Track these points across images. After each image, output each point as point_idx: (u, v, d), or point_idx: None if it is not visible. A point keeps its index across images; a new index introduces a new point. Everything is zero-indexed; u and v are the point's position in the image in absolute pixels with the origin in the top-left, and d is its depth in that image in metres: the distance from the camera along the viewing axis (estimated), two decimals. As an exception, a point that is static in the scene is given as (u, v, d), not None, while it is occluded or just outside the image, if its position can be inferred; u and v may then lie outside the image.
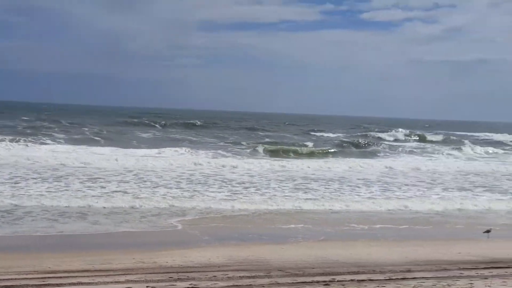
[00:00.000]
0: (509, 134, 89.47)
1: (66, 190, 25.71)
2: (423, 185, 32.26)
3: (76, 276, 13.20)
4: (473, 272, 14.81)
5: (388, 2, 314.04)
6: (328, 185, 30.66)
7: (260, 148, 49.45)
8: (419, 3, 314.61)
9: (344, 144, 59.87)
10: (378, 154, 52.30)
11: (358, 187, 30.67)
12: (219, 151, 46.80)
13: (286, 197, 26.38)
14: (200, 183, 29.48)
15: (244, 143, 55.83)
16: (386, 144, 62.61)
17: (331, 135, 77.89)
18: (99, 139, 53.77)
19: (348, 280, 13.50)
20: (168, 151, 43.81)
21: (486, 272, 14.84)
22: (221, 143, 55.92)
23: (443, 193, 29.65)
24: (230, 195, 26.39)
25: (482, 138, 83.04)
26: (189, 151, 44.86)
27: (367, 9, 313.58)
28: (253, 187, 29.15)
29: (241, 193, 27.04)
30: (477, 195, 29.48)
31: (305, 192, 28.03)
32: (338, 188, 29.92)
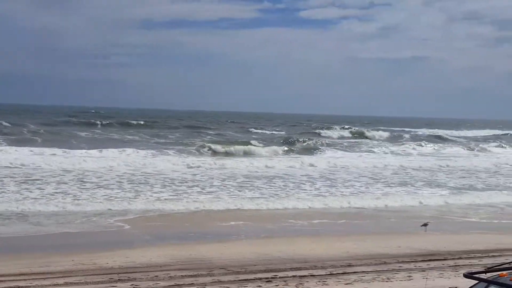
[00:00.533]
0: (446, 129, 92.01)
1: (3, 192, 24.99)
2: (365, 181, 32.78)
3: (13, 280, 12.86)
4: (411, 265, 15.17)
5: (325, 0, 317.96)
6: (272, 183, 30.80)
7: (204, 147, 49.27)
8: (355, 1, 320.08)
9: (286, 141, 60.27)
10: (320, 151, 52.88)
11: (303, 183, 30.92)
12: (161, 150, 46.38)
13: (230, 196, 26.37)
14: (142, 183, 29.16)
15: (187, 141, 55.51)
16: (328, 141, 63.39)
17: (274, 132, 78.34)
18: (37, 139, 52.48)
19: (290, 276, 13.61)
20: (108, 151, 43.12)
21: (424, 265, 15.23)
22: (162, 141, 55.44)
23: (386, 188, 30.17)
24: (173, 195, 26.20)
25: (420, 133, 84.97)
26: (131, 150, 44.27)
27: (305, 7, 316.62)
28: (196, 186, 29.03)
29: (185, 192, 26.89)
30: (418, 189, 30.13)
31: (250, 190, 28.07)
32: (283, 185, 30.05)
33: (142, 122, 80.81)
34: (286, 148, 52.68)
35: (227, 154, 47.10)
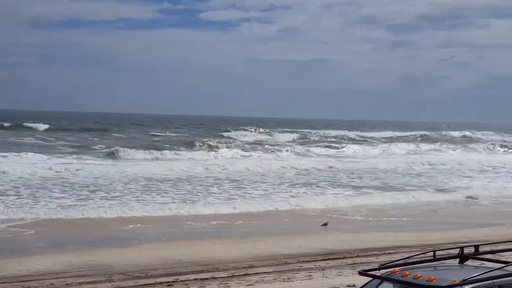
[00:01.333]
0: (349, 130, 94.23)
1: None
2: (271, 182, 33.04)
3: None
4: (311, 264, 15.45)
5: (226, 2, 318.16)
6: (179, 186, 30.46)
7: (112, 150, 48.07)
8: (255, 3, 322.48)
9: (189, 143, 59.96)
10: (226, 151, 52.95)
11: (211, 186, 30.80)
12: (60, 154, 44.95)
13: (136, 200, 25.87)
14: (40, 188, 28.10)
15: (88, 144, 54.13)
16: (235, 142, 63.54)
17: (179, 134, 77.70)
18: None
19: (192, 280, 13.51)
20: (8, 155, 41.23)
21: (323, 264, 15.54)
22: (61, 143, 53.70)
23: (294, 189, 30.50)
24: (72, 200, 25.42)
25: (322, 135, 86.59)
26: (30, 154, 42.59)
27: (205, 8, 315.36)
28: (100, 190, 28.28)
29: (87, 197, 26.13)
30: (323, 189, 30.64)
31: (158, 194, 27.60)
32: (191, 189, 29.71)
33: (45, 124, 77.85)
34: (190, 149, 52.43)
35: (128, 157, 46.15)
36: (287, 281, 13.46)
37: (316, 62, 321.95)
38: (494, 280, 6.78)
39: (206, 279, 13.61)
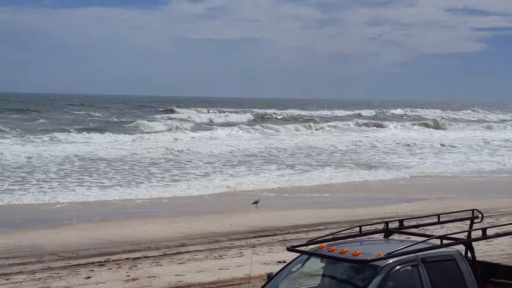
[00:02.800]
0: (278, 109, 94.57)
1: None
2: (210, 161, 33.02)
3: None
4: (243, 242, 15.64)
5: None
6: (118, 167, 30.07)
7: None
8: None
9: (115, 121, 59.02)
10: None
11: (149, 170, 30.54)
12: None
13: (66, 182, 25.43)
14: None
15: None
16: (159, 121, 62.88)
17: (100, 114, 76.16)
18: None
19: (124, 259, 13.46)
20: None
21: (254, 241, 15.76)
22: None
23: (229, 169, 30.54)
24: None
25: (256, 113, 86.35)
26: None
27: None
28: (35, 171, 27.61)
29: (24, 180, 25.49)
30: (258, 168, 30.78)
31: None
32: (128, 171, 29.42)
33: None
34: (114, 128, 51.58)
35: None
36: (219, 259, 13.60)
37: (246, 40, 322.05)
38: (417, 253, 7.07)
39: (138, 258, 13.59)
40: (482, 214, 8.61)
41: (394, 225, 8.57)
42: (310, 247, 7.64)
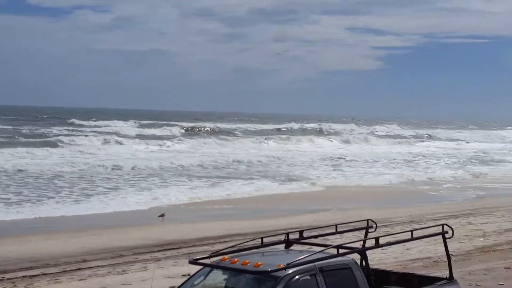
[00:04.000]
0: (188, 122, 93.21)
1: None
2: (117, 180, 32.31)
3: None
4: (147, 256, 15.47)
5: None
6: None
7: None
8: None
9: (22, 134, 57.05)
10: (59, 144, 50.95)
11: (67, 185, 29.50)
12: None
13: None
14: None
15: None
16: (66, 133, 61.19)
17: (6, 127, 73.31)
18: None
19: (20, 277, 12.99)
20: None
21: (159, 255, 15.63)
22: None
23: (143, 183, 30.05)
24: None
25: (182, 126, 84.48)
26: None
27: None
28: None
29: None
30: (167, 183, 30.43)
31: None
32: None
33: None
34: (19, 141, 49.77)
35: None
36: (122, 274, 13.39)
37: (153, 52, 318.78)
38: (315, 263, 7.28)
39: (36, 275, 13.15)
40: (376, 224, 8.98)
41: (295, 235, 8.78)
42: (212, 259, 7.70)
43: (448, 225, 8.79)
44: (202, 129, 79.56)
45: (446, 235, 8.68)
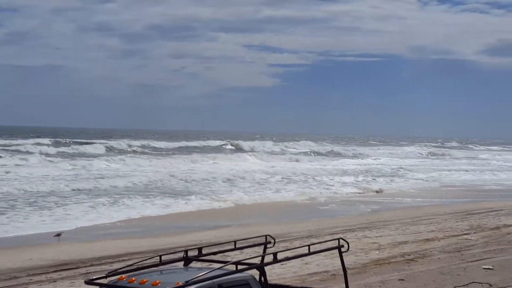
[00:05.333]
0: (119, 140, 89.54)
1: None
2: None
3: None
4: (43, 277, 14.92)
5: None
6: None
7: None
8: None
9: None
10: None
11: None
12: None
13: None
14: None
15: None
16: None
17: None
18: None
19: None
20: None
21: (55, 275, 15.11)
22: None
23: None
24: None
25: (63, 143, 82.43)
26: None
27: None
28: None
29: None
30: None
31: None
32: None
33: None
34: None
35: None
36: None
37: (50, 68, 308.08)
38: (214, 280, 7.28)
39: None
40: (274, 240, 9.11)
41: (194, 252, 8.76)
42: (109, 279, 7.54)
43: (343, 239, 9.03)
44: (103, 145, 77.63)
45: (342, 249, 8.91)
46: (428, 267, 16.19)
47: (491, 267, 15.99)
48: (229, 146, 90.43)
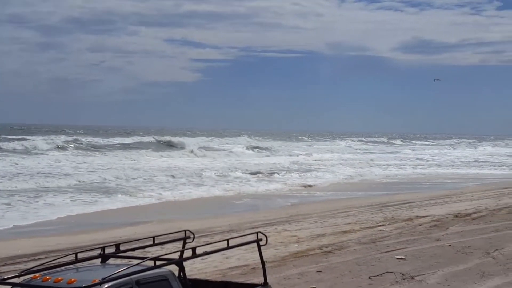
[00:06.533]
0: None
1: None
2: None
3: None
4: (-48, 278, 14.29)
5: None
6: None
7: None
8: None
9: None
10: None
11: None
12: None
13: None
14: None
15: None
16: None
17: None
18: None
19: None
20: None
21: (-34, 276, 14.51)
22: None
23: None
24: None
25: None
26: None
27: None
28: None
29: None
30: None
31: None
32: None
33: None
34: None
35: None
36: None
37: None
38: (132, 276, 7.22)
39: None
40: (194, 234, 9.12)
41: (112, 249, 8.62)
42: (22, 278, 7.34)
43: (262, 233, 9.14)
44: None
45: (261, 242, 9.03)
46: (344, 258, 16.61)
47: (403, 257, 16.58)
48: (165, 142, 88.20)
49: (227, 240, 8.57)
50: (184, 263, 7.98)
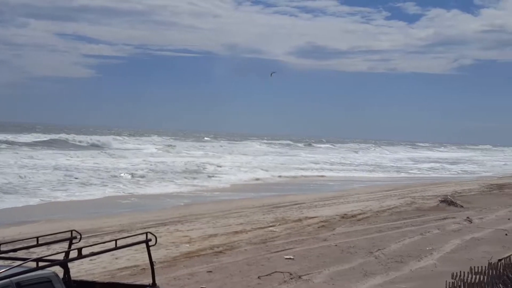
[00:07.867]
0: None
1: None
2: None
3: None
4: None
5: None
6: None
7: None
8: None
9: None
10: None
11: None
12: None
13: None
14: None
15: None
16: None
17: None
18: None
19: None
20: None
21: None
22: None
23: None
24: None
25: None
26: None
27: None
28: None
29: None
30: None
31: None
32: None
33: None
34: None
35: None
36: None
37: None
38: (12, 278, 6.98)
39: None
40: (80, 235, 8.95)
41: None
42: None
43: (151, 233, 9.09)
44: None
45: (150, 243, 8.98)
46: (235, 258, 16.83)
47: (292, 257, 17.02)
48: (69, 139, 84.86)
49: (115, 240, 8.46)
50: (71, 264, 7.84)
